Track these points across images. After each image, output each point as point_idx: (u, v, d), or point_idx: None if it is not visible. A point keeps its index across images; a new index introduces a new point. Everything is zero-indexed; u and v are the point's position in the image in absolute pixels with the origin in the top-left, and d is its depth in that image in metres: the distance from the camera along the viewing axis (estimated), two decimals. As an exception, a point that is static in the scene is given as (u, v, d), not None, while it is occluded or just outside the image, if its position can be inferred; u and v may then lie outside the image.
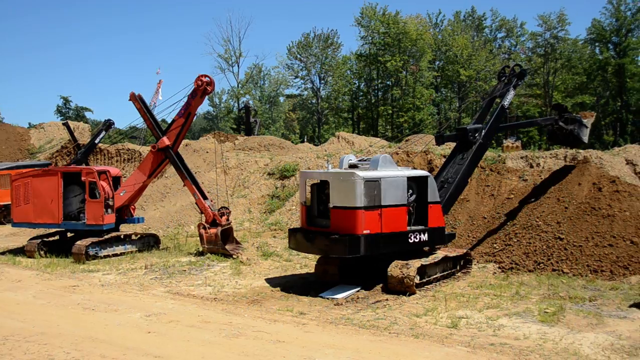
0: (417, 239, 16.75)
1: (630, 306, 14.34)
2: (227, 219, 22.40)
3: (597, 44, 76.05)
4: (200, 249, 22.26)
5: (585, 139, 22.52)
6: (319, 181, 17.23)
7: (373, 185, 15.76)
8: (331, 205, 15.95)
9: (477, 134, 19.50)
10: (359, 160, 17.52)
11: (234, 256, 21.33)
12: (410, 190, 16.88)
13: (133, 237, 23.69)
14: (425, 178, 17.19)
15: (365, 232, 15.59)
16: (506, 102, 20.75)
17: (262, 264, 20.70)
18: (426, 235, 17.01)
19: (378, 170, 16.34)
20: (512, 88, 21.05)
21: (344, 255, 15.91)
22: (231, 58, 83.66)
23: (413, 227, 16.86)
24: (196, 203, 22.84)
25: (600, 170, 21.98)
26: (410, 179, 16.79)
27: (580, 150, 26.20)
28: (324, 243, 16.04)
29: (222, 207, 22.73)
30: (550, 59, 76.68)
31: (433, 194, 17.28)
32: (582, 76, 75.43)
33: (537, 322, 13.06)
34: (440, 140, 20.22)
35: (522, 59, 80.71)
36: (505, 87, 21.12)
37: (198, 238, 22.61)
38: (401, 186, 16.41)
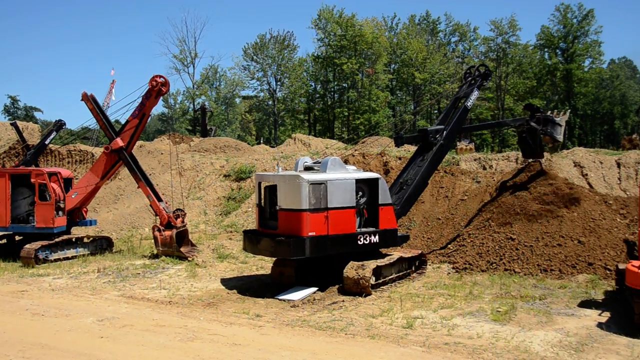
0: (367, 240, 16.83)
1: (579, 305, 14.80)
2: (183, 221, 22.17)
3: (546, 49, 78.13)
4: (155, 252, 21.97)
5: (560, 137, 22.28)
6: (271, 184, 17.26)
7: (319, 187, 15.86)
8: (278, 208, 16.11)
9: (437, 135, 19.66)
10: (315, 163, 17.57)
11: (189, 259, 21.12)
12: (360, 193, 16.98)
13: (85, 240, 23.22)
14: (376, 180, 17.27)
15: (310, 234, 15.67)
16: (469, 103, 20.94)
17: (217, 266, 20.55)
18: (377, 237, 17.09)
19: (327, 172, 16.42)
20: (476, 89, 21.22)
21: (289, 256, 16.20)
22: (186, 59, 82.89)
23: (363, 229, 16.96)
24: (151, 205, 22.51)
25: (549, 172, 22.55)
26: (359, 182, 16.87)
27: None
28: (270, 245, 16.24)
29: (177, 209, 22.47)
30: (502, 64, 78.39)
31: (384, 196, 17.34)
32: (532, 80, 77.38)
33: (489, 321, 13.33)
34: (399, 141, 20.37)
35: (475, 62, 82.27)
36: (470, 88, 21.31)
37: (152, 241, 22.31)
38: (349, 188, 16.48)
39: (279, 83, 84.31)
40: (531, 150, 22.07)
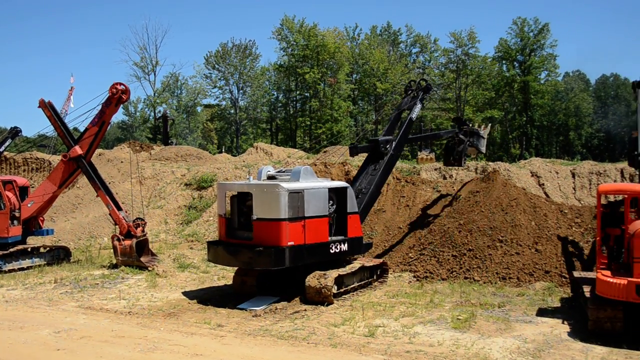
0: (337, 249, 17.00)
1: (536, 312, 15.11)
2: (143, 231, 21.88)
3: (504, 61, 79.74)
4: (114, 262, 21.61)
5: (483, 149, 23.90)
6: (238, 193, 17.11)
7: (297, 196, 15.83)
8: (254, 217, 15.81)
9: (388, 146, 20.06)
10: (278, 172, 17.59)
11: (149, 268, 20.85)
12: (331, 201, 17.11)
13: (41, 249, 22.71)
14: (345, 189, 17.50)
15: (289, 243, 15.59)
16: (414, 115, 21.57)
17: (178, 276, 20.33)
18: (346, 245, 17.29)
19: (300, 181, 16.43)
20: (419, 102, 21.85)
21: (269, 267, 15.78)
22: (147, 66, 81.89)
23: (334, 238, 17.09)
24: (110, 214, 22.15)
25: (508, 182, 23.04)
26: (330, 190, 17.03)
27: (490, 163, 27.39)
28: (248, 256, 15.81)
29: (137, 218, 22.17)
30: (461, 75, 79.68)
31: (352, 204, 17.62)
32: (491, 92, 78.87)
33: (450, 329, 13.51)
34: (354, 151, 20.66)
35: (436, 74, 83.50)
36: (413, 101, 21.86)
37: (112, 250, 21.94)
38: (323, 197, 16.60)
39: (241, 92, 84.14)
40: (453, 159, 23.60)
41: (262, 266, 15.95)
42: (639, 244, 11.92)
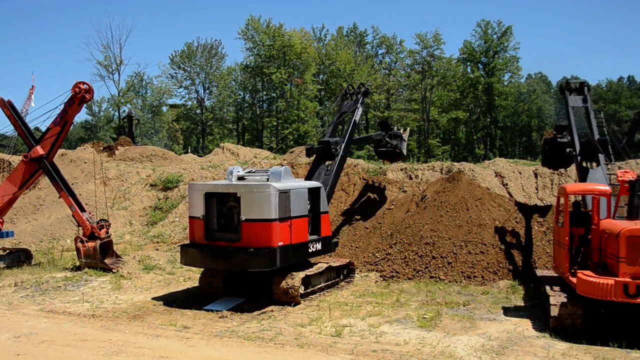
0: (314, 248, 17.17)
1: (500, 310, 15.36)
2: (107, 232, 21.55)
3: (468, 63, 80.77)
4: (78, 264, 21.23)
5: (405, 151, 25.24)
6: (216, 194, 16.68)
7: (284, 196, 15.82)
8: (243, 219, 15.58)
9: (338, 147, 20.44)
10: (247, 172, 17.47)
11: (113, 270, 20.55)
12: (309, 201, 17.19)
13: (0, 252, 22.19)
14: (319, 189, 17.75)
15: (280, 243, 15.55)
16: (357, 118, 22.21)
17: (143, 277, 20.09)
18: (320, 244, 17.43)
19: (282, 181, 16.40)
20: (360, 105, 22.53)
21: (264, 268, 15.59)
22: (111, 65, 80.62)
23: (311, 237, 17.19)
24: (73, 215, 21.77)
25: (472, 182, 23.35)
26: (309, 190, 17.22)
27: (455, 163, 27.72)
28: (242, 258, 15.51)
29: (101, 220, 21.83)
30: (427, 76, 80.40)
31: (324, 204, 17.86)
32: (456, 93, 79.79)
33: (416, 328, 13.64)
34: (310, 152, 20.90)
35: (402, 74, 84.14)
36: (355, 104, 22.43)
37: (75, 252, 21.56)
38: (304, 197, 16.74)
39: (207, 92, 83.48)
40: (391, 156, 25.26)
41: (256, 267, 15.69)
42: (624, 244, 12.11)
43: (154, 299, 17.06)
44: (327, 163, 20.44)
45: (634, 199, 13.77)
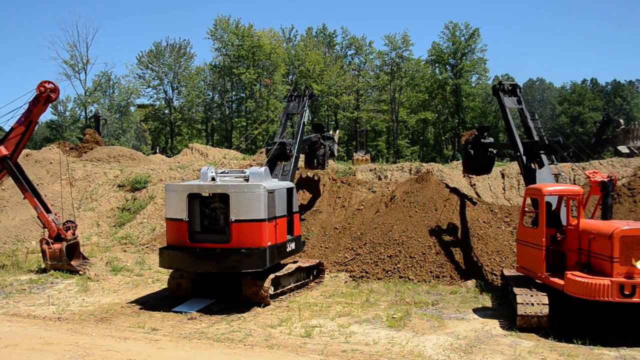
0: (290, 248, 17.28)
1: (468, 309, 15.54)
2: (73, 233, 21.21)
3: (436, 64, 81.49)
4: (43, 266, 20.84)
5: (336, 152, 26.08)
6: (198, 195, 16.40)
7: (271, 196, 15.87)
8: (233, 219, 15.44)
9: (292, 148, 20.65)
10: (221, 173, 17.33)
11: (80, 272, 20.23)
12: (286, 201, 17.25)
13: (-37, 255, 21.70)
14: (292, 189, 17.86)
15: (268, 243, 15.59)
16: (305, 119, 22.67)
17: (111, 279, 19.83)
18: (294, 244, 17.54)
19: (263, 182, 16.35)
20: (307, 107, 23.10)
21: (257, 269, 15.51)
22: (77, 64, 79.24)
23: (288, 237, 17.29)
24: (38, 217, 21.37)
25: (441, 182, 23.59)
26: (286, 190, 17.36)
27: (424, 164, 27.99)
28: (234, 259, 15.33)
29: (67, 221, 21.48)
30: (395, 77, 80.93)
31: (295, 203, 18.05)
32: (425, 94, 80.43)
33: (385, 328, 13.72)
34: (269, 153, 21.00)
35: (371, 75, 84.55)
36: (302, 107, 22.88)
37: (40, 254, 21.17)
38: (284, 197, 16.85)
39: (175, 92, 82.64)
40: (317, 162, 25.55)
41: (250, 268, 15.55)
42: (618, 245, 12.30)
43: (121, 301, 16.85)
44: (282, 164, 20.49)
45: (608, 200, 14.05)
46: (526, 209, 15.83)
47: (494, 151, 22.41)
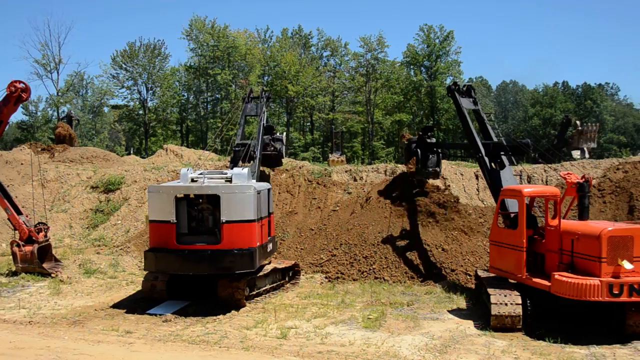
0: (269, 248, 17.35)
1: (443, 309, 15.66)
2: (45, 235, 20.90)
3: (411, 66, 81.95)
4: (14, 269, 20.50)
5: (284, 153, 25.93)
6: (184, 196, 16.28)
7: (259, 197, 15.97)
8: (224, 220, 15.39)
9: (255, 149, 20.81)
10: (200, 174, 17.20)
11: (52, 275, 19.94)
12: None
13: None
14: (270, 190, 17.91)
15: (257, 244, 15.65)
16: (264, 122, 22.74)
17: (84, 282, 19.57)
18: (272, 244, 17.64)
19: (248, 182, 16.35)
20: (265, 108, 23.29)
21: (250, 269, 15.55)
22: (50, 64, 78.01)
23: (267, 237, 17.36)
24: (9, 219, 21.00)
25: (416, 182, 23.68)
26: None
27: (399, 165, 28.11)
28: (228, 260, 15.30)
29: (39, 223, 21.16)
30: (371, 79, 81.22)
31: (272, 204, 18.11)
32: (400, 96, 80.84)
33: (361, 329, 13.77)
34: (237, 154, 21.12)
35: (346, 77, 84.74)
36: (261, 108, 23.09)
37: (11, 257, 20.81)
38: (266, 198, 16.87)
39: (150, 92, 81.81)
40: (271, 162, 25.58)
41: (242, 269, 15.56)
42: (605, 245, 12.47)
43: (95, 303, 16.66)
44: (242, 164, 20.43)
45: (585, 200, 14.24)
46: (499, 210, 15.95)
47: (440, 151, 22.52)
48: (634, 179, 22.45)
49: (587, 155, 45.26)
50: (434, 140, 22.60)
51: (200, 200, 16.13)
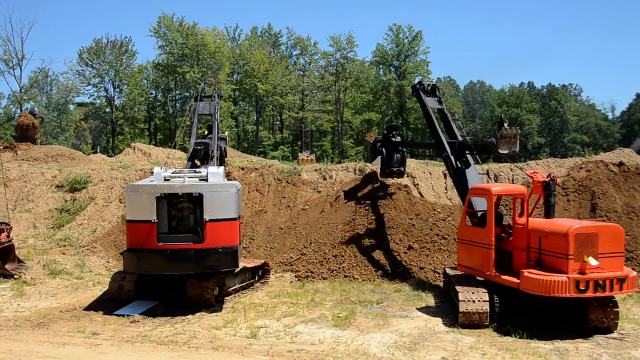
0: (242, 247, 17.45)
1: (412, 307, 15.78)
2: (8, 236, 20.46)
3: (381, 66, 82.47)
4: (-25, 271, 20.05)
5: (226, 154, 25.60)
6: (163, 195, 15.97)
7: (238, 195, 16.08)
8: (207, 219, 15.27)
9: (213, 148, 20.69)
10: (173, 172, 17.01)
11: (15, 276, 19.53)
12: None
13: None
14: (240, 188, 17.71)
15: (238, 242, 15.73)
16: (218, 121, 22.66)
17: (49, 283, 19.20)
18: (242, 243, 17.55)
19: (225, 181, 16.31)
20: (218, 107, 23.27)
21: (234, 267, 15.67)
22: (12, 60, 76.33)
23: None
24: (-30, 219, 20.55)
25: (384, 181, 23.83)
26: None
27: (368, 164, 28.22)
28: (213, 258, 15.24)
29: (1, 223, 20.71)
30: (340, 78, 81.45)
31: (241, 203, 18.03)
32: (369, 95, 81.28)
33: (331, 327, 13.80)
34: (198, 153, 20.98)
35: (316, 76, 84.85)
36: (214, 107, 22.98)
37: (-28, 258, 20.33)
38: (241, 196, 16.76)
39: (117, 90, 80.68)
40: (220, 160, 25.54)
41: (226, 267, 15.64)
42: (573, 242, 12.69)
43: (60, 305, 16.36)
44: (202, 164, 20.28)
45: (551, 199, 14.49)
46: (468, 209, 16.13)
47: (405, 150, 22.73)
48: (596, 178, 22.93)
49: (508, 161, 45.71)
50: (398, 139, 22.77)
51: (181, 199, 15.95)
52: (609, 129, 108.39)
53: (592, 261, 12.62)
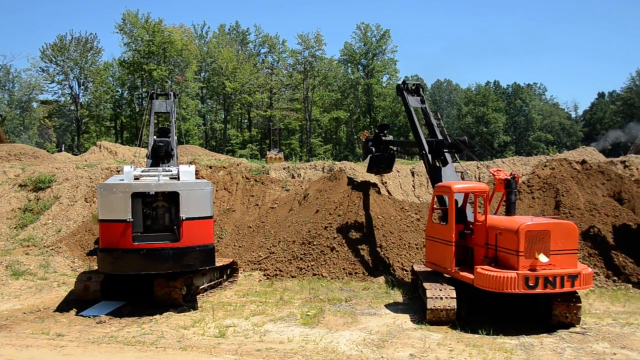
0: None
1: (380, 304, 15.89)
2: (-31, 237, 20.01)
3: (349, 64, 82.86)
4: None
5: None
6: (136, 194, 15.61)
7: (211, 194, 15.93)
8: (183, 217, 15.08)
9: (173, 147, 20.62)
10: (142, 171, 16.78)
11: (-23, 278, 19.11)
12: None
13: None
14: (212, 187, 17.72)
15: (213, 241, 15.72)
16: (174, 119, 22.62)
17: (12, 284, 18.82)
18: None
19: (199, 180, 16.24)
20: (174, 105, 23.26)
21: (211, 265, 15.82)
22: (-28, 56, 74.65)
23: None
24: None
25: (353, 180, 23.96)
26: None
27: (336, 162, 28.36)
28: (191, 257, 15.11)
29: (-38, 224, 20.24)
30: (308, 76, 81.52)
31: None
32: (337, 93, 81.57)
33: (300, 325, 13.81)
34: (159, 151, 20.89)
35: (284, 74, 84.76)
36: (170, 105, 22.93)
37: None
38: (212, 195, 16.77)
39: (82, 87, 79.39)
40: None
41: (205, 265, 15.70)
42: (523, 239, 12.88)
43: (23, 306, 16.05)
44: (164, 164, 20.11)
45: (512, 196, 14.73)
46: (435, 206, 16.32)
47: (394, 149, 23.01)
48: (560, 176, 23.37)
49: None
50: (390, 137, 22.98)
51: (157, 198, 15.71)
52: (572, 127, 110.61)
53: (543, 258, 12.87)
